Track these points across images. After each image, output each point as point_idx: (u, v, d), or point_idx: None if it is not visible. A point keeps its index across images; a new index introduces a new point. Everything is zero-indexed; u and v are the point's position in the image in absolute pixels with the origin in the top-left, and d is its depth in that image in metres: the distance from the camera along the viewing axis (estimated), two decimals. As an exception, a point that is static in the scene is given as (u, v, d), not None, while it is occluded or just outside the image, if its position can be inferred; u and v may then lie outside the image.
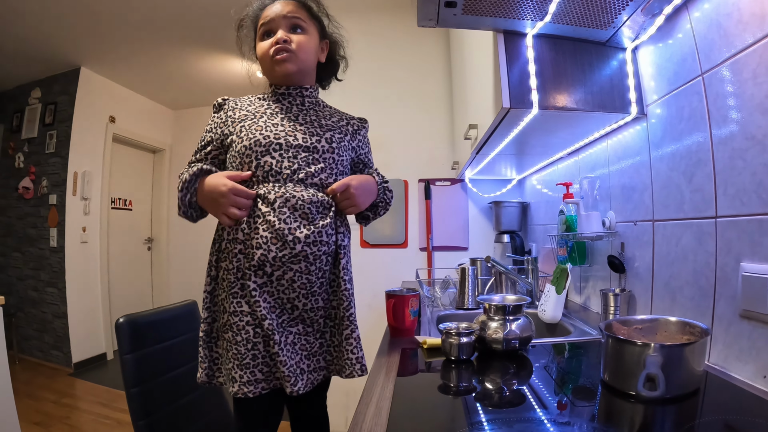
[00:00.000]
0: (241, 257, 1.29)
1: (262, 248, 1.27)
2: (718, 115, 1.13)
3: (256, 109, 1.42)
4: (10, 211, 5.43)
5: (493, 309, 1.34)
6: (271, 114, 1.40)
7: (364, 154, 1.56)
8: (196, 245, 6.38)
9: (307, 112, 1.45)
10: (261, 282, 1.28)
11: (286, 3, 1.44)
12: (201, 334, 1.39)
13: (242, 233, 1.29)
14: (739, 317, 1.05)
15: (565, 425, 0.85)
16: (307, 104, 1.48)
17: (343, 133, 1.47)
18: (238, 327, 1.27)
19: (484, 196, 3.36)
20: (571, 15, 1.36)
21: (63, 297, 4.92)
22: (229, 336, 1.29)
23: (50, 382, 4.49)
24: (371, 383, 1.15)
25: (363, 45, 3.43)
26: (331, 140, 1.40)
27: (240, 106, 1.43)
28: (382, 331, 1.74)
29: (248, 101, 1.46)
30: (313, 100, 1.50)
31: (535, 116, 1.56)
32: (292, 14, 1.42)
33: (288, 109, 1.43)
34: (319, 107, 1.51)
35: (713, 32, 1.14)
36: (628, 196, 1.62)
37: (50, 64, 4.96)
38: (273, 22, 1.41)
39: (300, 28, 1.43)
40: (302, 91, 1.48)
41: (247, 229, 1.30)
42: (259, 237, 1.27)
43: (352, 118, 1.56)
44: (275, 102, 1.45)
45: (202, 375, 1.37)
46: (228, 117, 1.41)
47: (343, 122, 1.51)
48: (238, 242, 1.30)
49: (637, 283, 1.56)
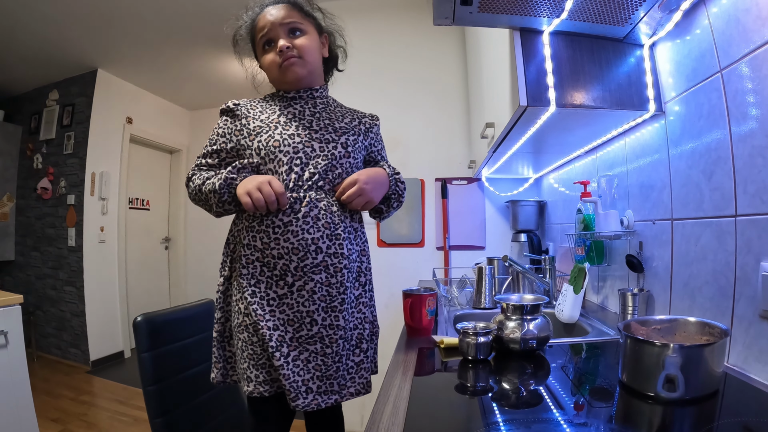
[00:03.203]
0: (258, 265, 1.31)
1: (284, 258, 1.29)
2: (738, 112, 1.11)
3: (269, 117, 1.41)
4: (29, 211, 5.49)
5: (510, 308, 1.33)
6: (285, 123, 1.40)
7: (377, 151, 1.57)
8: (213, 245, 6.42)
9: (320, 115, 1.46)
10: (282, 293, 1.30)
11: (277, 8, 1.44)
12: (214, 334, 1.40)
13: (260, 241, 1.30)
14: (759, 318, 1.04)
15: (582, 426, 0.84)
16: (319, 106, 1.48)
17: (356, 133, 1.48)
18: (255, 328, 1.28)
19: (500, 195, 3.34)
20: (587, 11, 1.35)
21: (81, 296, 4.97)
22: (244, 336, 1.30)
23: (68, 380, 4.54)
24: (388, 382, 1.15)
25: (379, 44, 3.44)
26: (346, 145, 1.41)
27: (253, 115, 1.42)
28: (399, 331, 1.73)
29: (259, 108, 1.45)
30: (324, 101, 1.51)
31: (553, 114, 1.54)
32: (288, 19, 1.43)
33: (301, 115, 1.43)
34: (331, 108, 1.51)
35: (731, 28, 1.12)
36: (647, 194, 1.61)
37: (68, 66, 5.01)
38: (271, 32, 1.42)
39: (299, 31, 1.44)
40: (312, 92, 1.49)
41: (266, 238, 1.30)
42: (281, 247, 1.29)
43: (363, 116, 1.56)
44: (286, 107, 1.45)
45: (217, 375, 1.39)
46: (243, 126, 1.41)
47: (355, 122, 1.51)
48: (256, 249, 1.31)
49: (655, 283, 1.55)
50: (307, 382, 1.30)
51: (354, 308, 1.42)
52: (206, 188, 1.35)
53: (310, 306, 1.30)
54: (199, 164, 1.44)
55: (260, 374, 1.29)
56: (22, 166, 5.60)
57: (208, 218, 5.85)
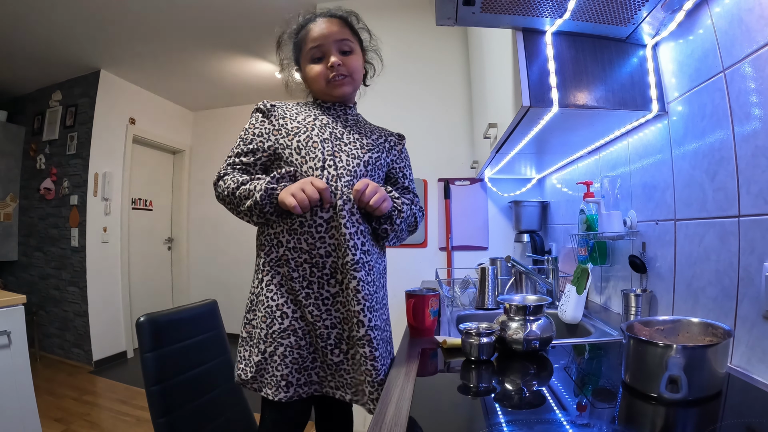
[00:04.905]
0: (308, 266, 1.32)
1: (332, 255, 1.31)
2: (741, 112, 1.11)
3: (305, 119, 1.43)
4: (32, 211, 5.50)
5: (513, 309, 1.33)
6: (321, 127, 1.41)
7: (398, 168, 1.57)
8: (216, 245, 6.46)
9: (351, 129, 1.47)
10: (334, 291, 1.33)
11: (331, 22, 1.45)
12: (244, 334, 1.41)
13: (306, 243, 1.31)
14: (763, 318, 1.04)
15: (585, 427, 0.84)
16: (350, 121, 1.50)
17: (380, 151, 1.49)
18: (304, 332, 1.32)
19: (503, 195, 3.34)
20: (590, 12, 1.35)
21: (84, 296, 4.98)
22: (291, 341, 1.31)
23: (71, 380, 4.55)
24: (391, 383, 1.15)
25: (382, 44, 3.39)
26: (368, 163, 1.42)
27: (290, 116, 1.43)
28: (402, 331, 1.73)
29: (294, 110, 1.46)
30: (354, 118, 1.53)
31: (555, 114, 1.54)
32: (342, 37, 1.44)
33: (334, 124, 1.45)
34: (360, 125, 1.53)
35: (734, 28, 1.12)
36: (650, 195, 1.61)
37: (70, 67, 5.02)
38: (324, 46, 1.42)
39: (349, 49, 1.46)
40: (346, 109, 1.52)
41: (310, 238, 1.31)
42: (327, 245, 1.31)
43: (390, 134, 1.58)
44: (321, 114, 1.47)
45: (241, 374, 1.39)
46: (281, 126, 1.41)
47: (381, 139, 1.53)
48: (303, 251, 1.32)
49: (658, 284, 1.55)
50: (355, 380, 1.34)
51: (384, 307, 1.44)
52: (240, 193, 1.33)
53: (355, 306, 1.30)
54: (233, 163, 1.40)
55: (302, 377, 1.32)
56: (25, 167, 5.61)
57: (211, 219, 5.85)
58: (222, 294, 4.95)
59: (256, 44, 4.58)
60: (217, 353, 1.82)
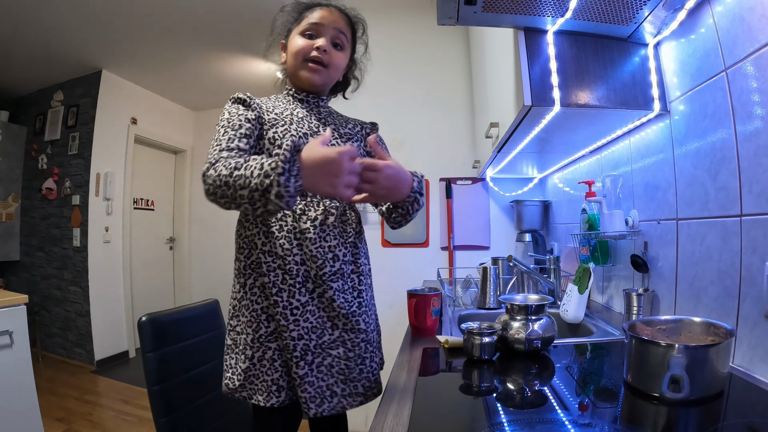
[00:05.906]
0: (280, 273, 1.27)
1: (306, 264, 1.28)
2: (743, 111, 1.11)
3: (282, 113, 1.39)
4: (34, 211, 5.51)
5: (515, 309, 1.33)
6: (298, 121, 1.39)
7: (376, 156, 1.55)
8: (218, 245, 6.45)
9: (326, 121, 1.46)
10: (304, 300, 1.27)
11: (340, 15, 1.45)
12: (228, 341, 1.36)
13: (281, 248, 1.27)
14: (765, 318, 1.04)
15: (587, 427, 0.84)
16: (323, 113, 1.49)
17: (358, 140, 1.49)
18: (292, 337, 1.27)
19: (505, 195, 3.34)
20: (592, 11, 1.35)
21: (86, 296, 4.98)
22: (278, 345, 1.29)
23: (73, 379, 4.55)
24: (392, 382, 1.15)
25: (383, 44, 3.42)
26: None
27: (266, 108, 1.39)
28: (404, 331, 1.73)
29: (270, 103, 1.43)
30: (327, 110, 1.52)
31: (557, 114, 1.54)
32: (341, 29, 1.43)
33: (309, 118, 1.43)
34: (334, 116, 1.52)
35: (736, 27, 1.12)
36: (652, 194, 1.61)
37: (72, 67, 5.03)
38: (321, 27, 1.40)
39: (340, 45, 1.44)
40: (318, 101, 1.49)
41: (287, 244, 1.27)
42: (303, 253, 1.28)
43: (364, 124, 1.56)
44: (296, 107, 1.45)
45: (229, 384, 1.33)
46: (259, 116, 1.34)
47: (357, 128, 1.52)
48: (277, 257, 1.27)
49: (660, 283, 1.54)
50: (331, 386, 1.30)
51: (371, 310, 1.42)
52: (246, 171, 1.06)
53: (330, 312, 1.29)
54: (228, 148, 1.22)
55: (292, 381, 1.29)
56: (27, 167, 5.61)
57: (212, 219, 5.85)
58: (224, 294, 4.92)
59: (257, 44, 4.56)
60: (219, 353, 1.81)
